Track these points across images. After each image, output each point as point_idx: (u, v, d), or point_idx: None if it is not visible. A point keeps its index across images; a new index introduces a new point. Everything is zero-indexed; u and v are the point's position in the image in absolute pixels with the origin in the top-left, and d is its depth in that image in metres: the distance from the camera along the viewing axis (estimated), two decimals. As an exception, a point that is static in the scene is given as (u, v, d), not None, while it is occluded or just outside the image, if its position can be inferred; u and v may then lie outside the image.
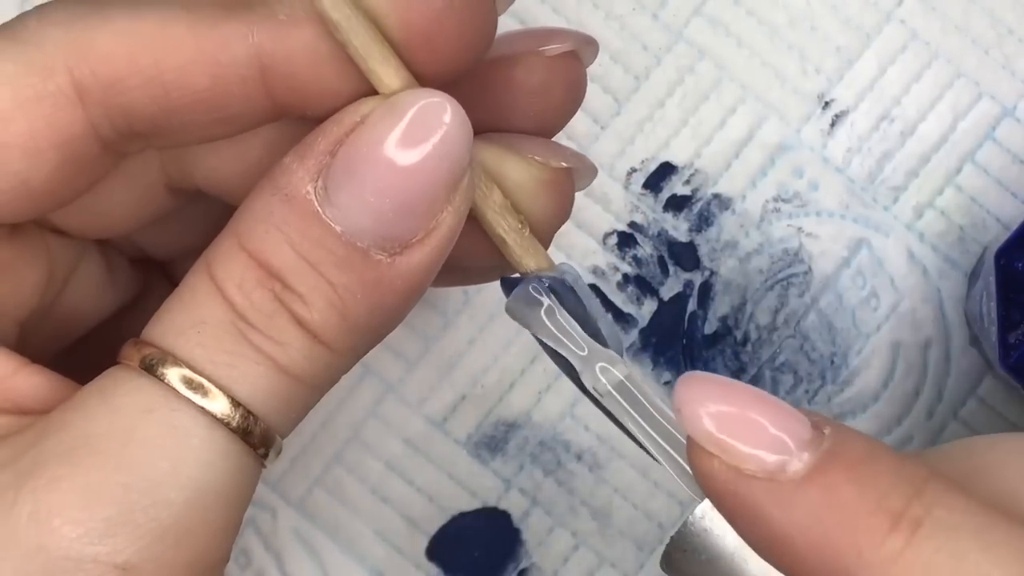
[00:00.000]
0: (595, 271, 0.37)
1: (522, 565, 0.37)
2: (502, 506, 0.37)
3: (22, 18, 0.26)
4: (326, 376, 0.26)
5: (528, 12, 0.38)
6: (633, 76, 0.38)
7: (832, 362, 0.37)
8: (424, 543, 0.37)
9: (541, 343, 0.28)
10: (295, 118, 0.27)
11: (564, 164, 0.28)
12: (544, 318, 0.27)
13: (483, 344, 0.37)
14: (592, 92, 0.38)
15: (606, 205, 0.37)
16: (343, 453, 0.37)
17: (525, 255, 0.27)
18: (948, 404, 0.37)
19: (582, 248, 0.37)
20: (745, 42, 0.38)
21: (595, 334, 0.27)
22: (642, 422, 0.26)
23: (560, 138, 0.37)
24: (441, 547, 0.37)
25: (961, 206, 0.38)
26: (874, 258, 0.37)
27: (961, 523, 0.22)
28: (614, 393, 0.27)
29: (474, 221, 0.27)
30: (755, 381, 0.37)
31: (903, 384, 0.37)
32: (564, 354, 0.27)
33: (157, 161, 0.29)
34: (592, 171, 0.29)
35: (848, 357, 0.37)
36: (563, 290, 0.27)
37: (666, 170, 0.38)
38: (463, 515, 0.37)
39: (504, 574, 0.37)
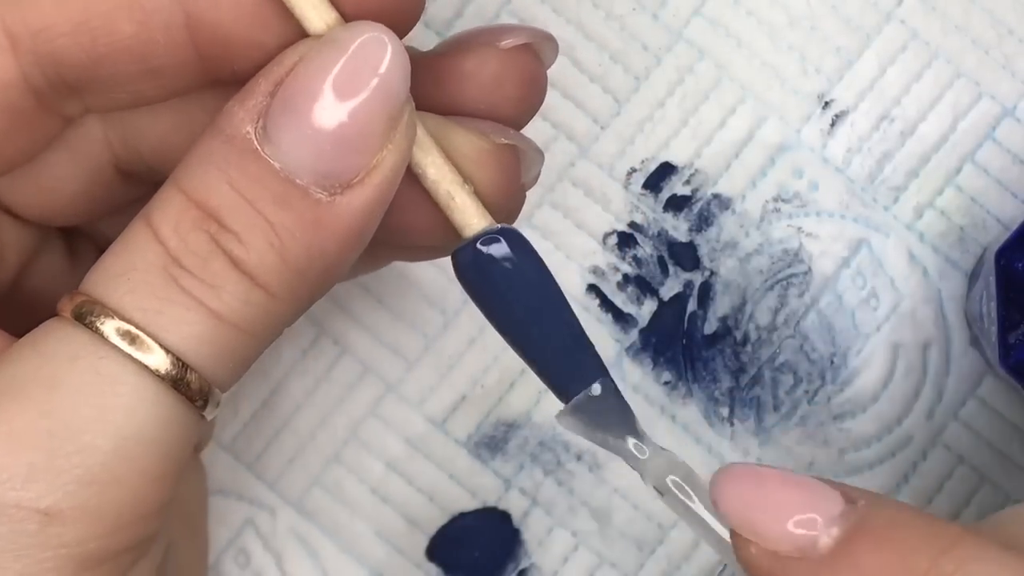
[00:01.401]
0: (595, 271, 0.37)
1: (522, 565, 0.37)
2: (502, 506, 0.37)
3: None
4: (265, 323, 0.26)
5: (528, 12, 0.38)
6: (633, 76, 0.38)
7: (832, 362, 0.37)
8: (424, 543, 0.37)
9: (486, 305, 0.27)
10: (231, 85, 0.27)
11: (505, 140, 0.28)
12: (601, 432, 0.27)
13: (483, 344, 0.37)
14: (592, 92, 0.38)
15: (606, 205, 0.37)
16: (343, 453, 0.37)
17: (475, 214, 0.27)
18: (948, 404, 0.37)
19: (582, 248, 0.37)
20: (745, 42, 0.38)
21: (554, 292, 0.27)
22: (701, 514, 0.27)
23: (560, 138, 0.37)
24: (441, 547, 0.37)
25: (961, 206, 0.38)
26: (874, 258, 0.37)
27: (997, 572, 0.22)
28: (674, 491, 0.27)
29: (421, 192, 0.27)
30: (755, 381, 0.37)
31: (903, 384, 0.37)
32: (625, 459, 0.27)
33: (100, 133, 0.29)
34: (539, 156, 0.29)
35: (848, 357, 0.37)
36: (518, 243, 0.27)
37: (666, 170, 0.38)
38: (463, 515, 0.37)
39: (504, 574, 0.37)
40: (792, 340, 0.37)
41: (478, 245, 0.27)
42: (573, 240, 0.37)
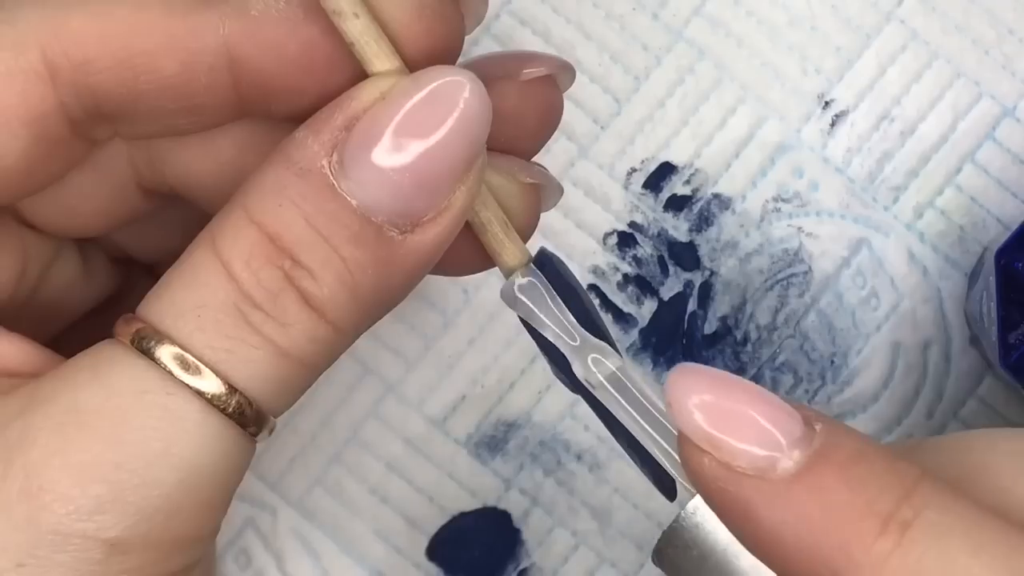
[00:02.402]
0: (595, 271, 0.37)
1: (522, 565, 0.37)
2: (502, 506, 0.37)
3: None
4: (326, 356, 0.26)
5: (528, 12, 0.38)
6: (633, 76, 0.38)
7: (832, 362, 0.37)
8: (424, 543, 0.37)
9: (533, 334, 0.28)
10: (261, 118, 0.27)
11: (531, 180, 0.28)
12: (532, 306, 0.27)
13: (483, 344, 0.37)
14: (592, 92, 0.38)
15: (606, 205, 0.37)
16: (343, 453, 0.37)
17: (518, 250, 0.28)
18: (948, 404, 0.37)
19: (582, 248, 0.37)
20: (745, 42, 0.38)
21: (588, 316, 0.27)
22: (634, 414, 0.26)
23: (560, 139, 0.37)
24: (441, 547, 0.37)
25: (961, 206, 0.38)
26: (874, 258, 0.37)
27: (951, 525, 0.22)
28: (606, 384, 0.26)
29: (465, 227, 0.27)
30: (755, 381, 0.37)
31: (903, 384, 0.37)
32: (554, 342, 0.27)
33: (126, 156, 0.29)
34: (558, 191, 0.30)
35: (848, 357, 0.37)
36: (557, 272, 0.27)
37: (666, 170, 0.38)
38: (463, 515, 0.37)
39: (504, 574, 0.37)
40: (792, 340, 0.37)
41: (528, 278, 0.27)
42: (573, 240, 0.37)
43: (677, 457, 0.25)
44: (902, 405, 0.37)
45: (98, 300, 0.31)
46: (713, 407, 0.23)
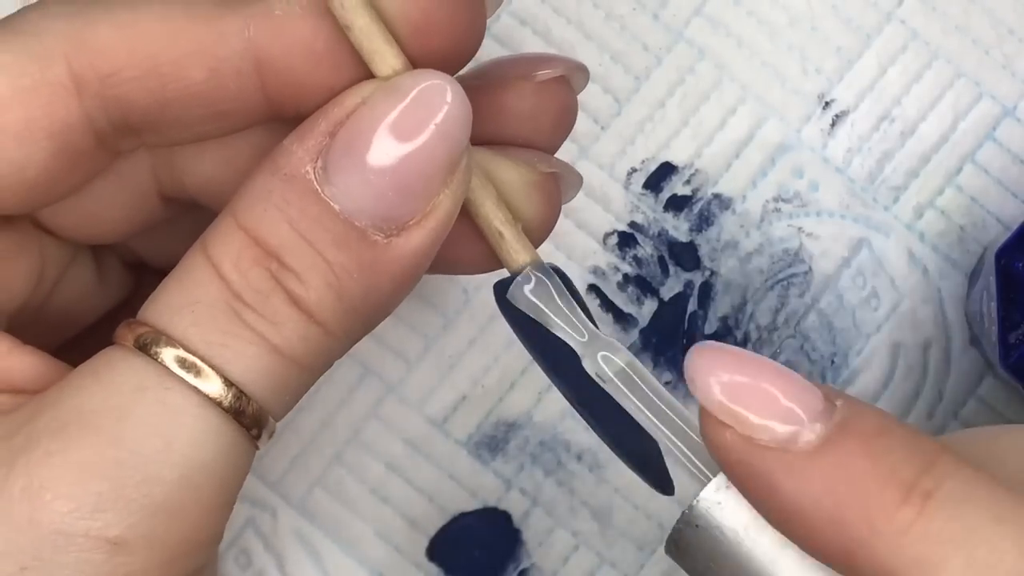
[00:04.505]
0: (595, 271, 0.37)
1: (522, 565, 0.37)
2: (502, 506, 0.37)
3: (23, 11, 0.27)
4: (320, 358, 0.26)
5: (528, 12, 0.38)
6: (633, 76, 0.38)
7: (832, 362, 0.37)
8: (424, 543, 0.37)
9: (528, 334, 0.28)
10: (287, 121, 0.27)
11: (550, 168, 0.28)
12: (542, 306, 0.27)
13: (483, 344, 0.37)
14: (592, 92, 0.38)
15: (606, 205, 0.37)
16: (343, 453, 0.37)
17: (522, 250, 0.28)
18: (948, 404, 0.37)
19: (582, 248, 0.37)
20: (745, 42, 0.38)
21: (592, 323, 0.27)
22: (643, 408, 0.26)
23: (560, 138, 0.37)
24: (441, 547, 0.37)
25: (961, 206, 0.38)
26: (874, 258, 0.37)
27: (972, 495, 0.22)
28: (615, 380, 0.27)
29: (463, 216, 0.27)
30: (755, 381, 0.37)
31: (903, 384, 0.37)
32: (565, 339, 0.27)
33: (148, 165, 0.29)
34: (578, 180, 0.30)
35: (848, 357, 0.37)
36: (562, 280, 0.27)
37: (666, 170, 0.38)
38: (463, 515, 0.37)
39: (504, 574, 0.37)
40: (793, 340, 0.37)
41: (524, 284, 0.27)
42: (573, 240, 0.37)
43: (685, 449, 0.26)
44: (902, 405, 0.37)
45: (111, 305, 0.31)
46: (735, 382, 0.23)
